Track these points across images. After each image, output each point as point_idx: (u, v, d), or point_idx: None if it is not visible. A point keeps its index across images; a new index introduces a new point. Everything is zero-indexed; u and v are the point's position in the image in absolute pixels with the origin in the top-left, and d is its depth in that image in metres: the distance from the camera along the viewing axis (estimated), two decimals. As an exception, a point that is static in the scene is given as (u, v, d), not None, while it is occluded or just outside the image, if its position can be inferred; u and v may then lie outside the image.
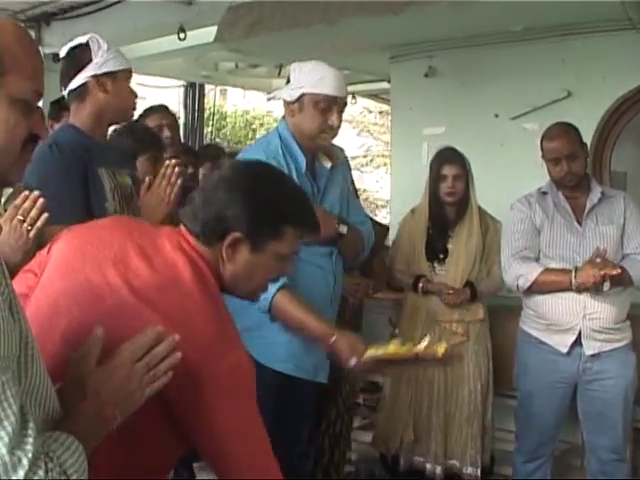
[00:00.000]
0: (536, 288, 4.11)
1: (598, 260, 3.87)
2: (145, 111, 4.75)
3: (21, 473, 1.30)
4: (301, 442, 3.83)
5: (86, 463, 1.46)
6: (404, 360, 3.05)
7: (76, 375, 1.63)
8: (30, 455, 1.32)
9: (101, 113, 3.17)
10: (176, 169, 3.25)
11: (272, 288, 3.23)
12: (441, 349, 2.96)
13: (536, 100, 6.03)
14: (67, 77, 3.19)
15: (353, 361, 3.05)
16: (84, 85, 3.14)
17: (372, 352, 3.03)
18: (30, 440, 1.33)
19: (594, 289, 3.95)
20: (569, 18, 5.61)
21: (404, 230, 4.92)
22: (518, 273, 4.14)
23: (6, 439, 1.30)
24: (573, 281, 3.95)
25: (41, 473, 1.34)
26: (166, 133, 4.54)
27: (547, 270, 4.08)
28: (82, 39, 3.22)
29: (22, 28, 1.55)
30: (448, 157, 4.72)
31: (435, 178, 4.70)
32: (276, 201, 2.05)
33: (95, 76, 3.14)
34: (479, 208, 4.74)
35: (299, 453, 3.81)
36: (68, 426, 1.51)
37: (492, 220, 4.78)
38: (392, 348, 3.00)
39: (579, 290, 3.97)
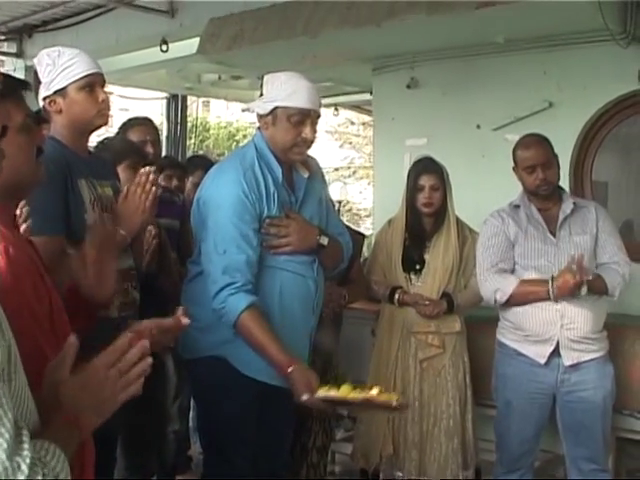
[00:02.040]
0: (514, 301, 4.10)
1: (574, 267, 3.88)
2: (128, 121, 4.71)
3: (22, 478, 1.33)
4: (284, 452, 3.83)
5: (68, 468, 1.48)
6: (355, 404, 3.08)
7: (52, 384, 1.64)
8: (28, 461, 1.34)
9: (70, 126, 3.15)
10: (151, 177, 3.22)
11: (239, 305, 3.25)
12: (394, 397, 3.00)
13: (518, 111, 6.06)
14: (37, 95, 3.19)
15: (305, 397, 3.10)
16: (43, 108, 3.15)
17: (324, 392, 3.07)
18: (26, 446, 1.36)
19: (572, 295, 3.95)
20: (550, 30, 5.65)
21: (380, 241, 4.87)
22: (495, 287, 4.13)
23: (5, 445, 1.32)
24: (550, 290, 3.95)
25: (39, 478, 1.36)
26: (149, 149, 4.51)
27: (523, 281, 4.08)
28: (36, 59, 3.22)
29: None
30: (425, 167, 4.68)
31: (412, 188, 4.65)
32: None
33: (46, 98, 3.14)
34: (457, 219, 4.71)
35: (282, 463, 3.81)
36: (47, 435, 1.51)
37: (470, 232, 4.74)
38: (344, 391, 3.03)
39: (557, 299, 3.97)
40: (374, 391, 2.99)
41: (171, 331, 2.35)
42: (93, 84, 3.17)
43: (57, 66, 3.11)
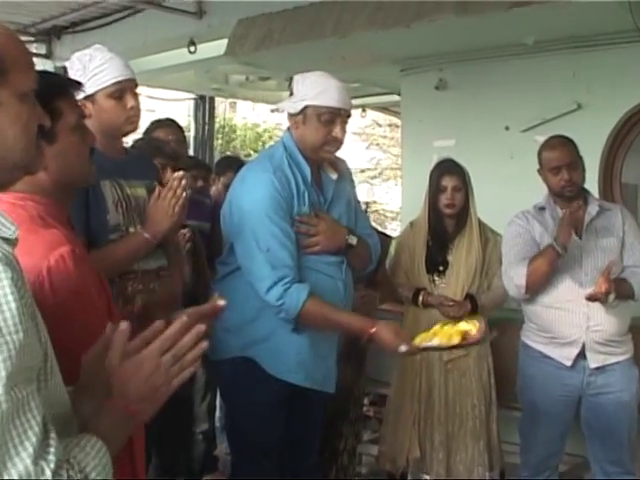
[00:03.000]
0: (532, 279, 4.04)
1: (612, 271, 3.86)
2: (152, 124, 4.73)
3: None
4: (313, 453, 3.83)
5: (110, 463, 1.47)
6: (458, 345, 3.19)
7: (95, 373, 1.63)
8: (52, 465, 1.33)
9: (99, 131, 3.04)
10: (183, 182, 3.23)
11: (300, 296, 3.27)
12: (480, 328, 3.12)
13: (546, 112, 6.03)
14: None
15: (403, 347, 3.13)
16: None
17: (424, 340, 3.12)
18: (52, 450, 1.34)
19: (600, 301, 3.93)
20: (580, 31, 5.62)
21: (403, 243, 4.87)
22: (511, 276, 4.12)
23: (30, 449, 1.32)
24: (555, 247, 3.91)
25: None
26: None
27: (532, 259, 4.07)
28: (68, 61, 3.21)
29: (4, 26, 1.57)
30: (448, 168, 4.67)
31: (434, 189, 4.64)
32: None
33: None
34: (479, 221, 4.71)
35: (311, 465, 3.81)
36: (95, 425, 1.51)
37: (492, 233, 4.74)
38: (443, 338, 3.10)
39: (564, 248, 3.92)
40: (467, 326, 3.10)
41: (210, 317, 2.34)
42: (122, 91, 3.16)
43: (87, 71, 3.11)
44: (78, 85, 2.19)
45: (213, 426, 5.70)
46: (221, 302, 2.32)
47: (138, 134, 4.04)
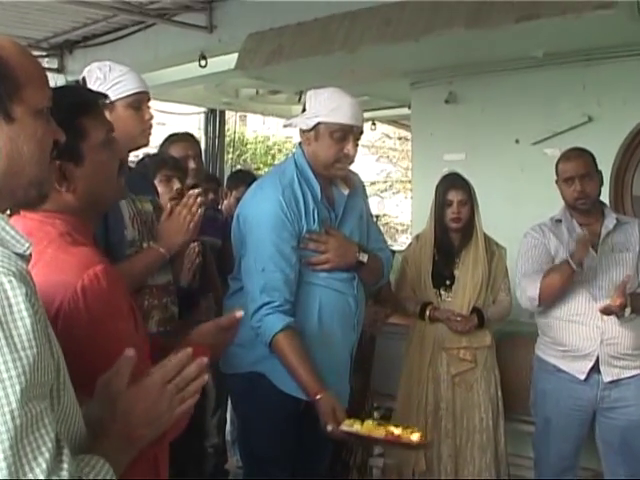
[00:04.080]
0: (546, 293, 4.05)
1: (628, 286, 3.85)
2: (170, 137, 4.72)
3: None
4: (323, 467, 3.83)
5: None
6: (377, 440, 3.11)
7: (105, 395, 1.64)
8: None
9: None
10: (198, 199, 3.24)
11: (274, 326, 3.27)
12: (416, 435, 3.00)
13: (557, 125, 6.03)
14: None
15: (329, 427, 3.13)
16: None
17: (348, 425, 3.09)
18: (65, 466, 1.35)
19: (615, 315, 3.92)
20: (590, 44, 5.62)
21: (409, 257, 4.86)
22: (524, 288, 4.12)
23: (44, 466, 1.31)
24: (570, 262, 3.91)
25: None
26: (191, 164, 4.51)
27: (546, 272, 4.07)
28: (85, 70, 3.22)
29: (19, 43, 1.58)
30: (453, 182, 4.68)
31: (440, 203, 4.65)
32: (53, 111, 1.70)
33: None
34: (484, 234, 4.72)
35: (322, 479, 3.81)
36: (98, 448, 1.52)
37: (497, 246, 4.75)
38: (367, 428, 3.04)
39: (580, 264, 3.92)
40: (397, 430, 3.00)
41: (229, 329, 2.35)
42: (141, 102, 3.19)
43: (108, 80, 3.12)
44: (104, 97, 2.18)
45: (224, 440, 5.70)
46: (239, 314, 2.33)
47: (152, 148, 4.04)
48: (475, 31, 5.05)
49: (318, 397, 3.20)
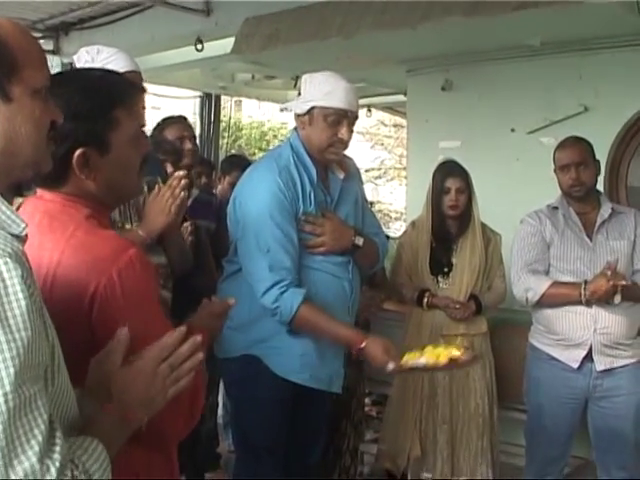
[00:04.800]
0: (545, 301, 4.10)
1: (609, 272, 3.86)
2: (164, 121, 4.72)
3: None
4: (317, 452, 3.83)
5: (110, 466, 1.48)
6: (443, 367, 3.15)
7: (99, 376, 1.65)
8: (57, 464, 1.34)
9: None
10: (183, 181, 3.22)
11: (294, 301, 3.26)
12: (469, 353, 3.14)
13: (553, 115, 6.03)
14: None
15: (390, 366, 3.12)
16: None
17: (411, 360, 3.10)
18: (57, 449, 1.35)
19: (605, 301, 3.94)
20: (587, 33, 5.62)
21: (405, 243, 4.86)
22: (527, 286, 4.13)
23: (36, 448, 1.32)
24: (583, 293, 3.93)
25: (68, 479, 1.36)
26: (187, 145, 4.51)
27: (556, 283, 4.08)
28: (75, 56, 3.20)
29: (18, 23, 1.58)
30: (451, 170, 4.69)
31: (438, 191, 4.65)
32: (91, 97, 1.88)
33: None
34: (480, 222, 4.73)
35: (315, 464, 3.82)
36: (93, 429, 1.52)
37: (492, 233, 4.77)
38: (430, 358, 3.07)
39: (589, 302, 3.95)
40: (456, 351, 3.08)
41: (221, 314, 2.36)
42: (132, 80, 3.18)
43: (96, 62, 3.12)
44: (143, 91, 2.15)
45: (215, 423, 5.71)
46: (231, 300, 2.34)
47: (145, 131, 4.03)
48: (472, 19, 5.04)
49: (364, 344, 3.20)
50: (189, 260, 3.84)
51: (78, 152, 1.82)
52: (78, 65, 3.15)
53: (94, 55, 3.15)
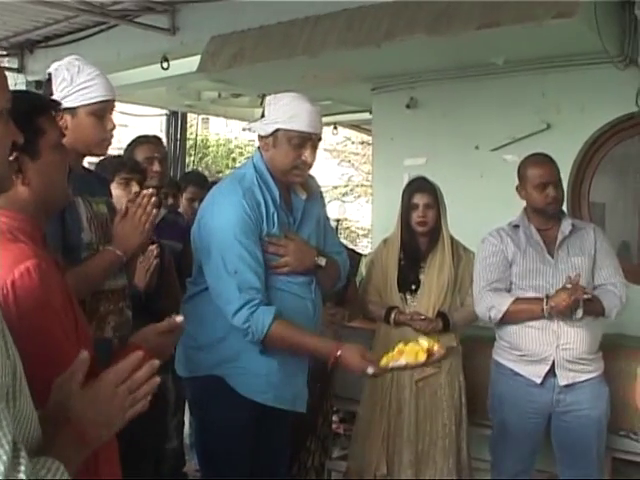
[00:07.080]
0: (508, 318, 4.12)
1: (569, 286, 3.89)
2: (137, 139, 4.69)
3: None
4: (281, 471, 3.82)
5: None
6: (423, 364, 3.21)
7: (60, 397, 1.65)
8: None
9: (70, 145, 2.82)
10: (153, 199, 3.21)
11: (266, 319, 3.26)
12: (440, 346, 3.19)
13: (516, 132, 6.08)
14: None
15: (370, 370, 3.13)
16: None
17: (391, 362, 3.13)
18: (22, 468, 1.35)
19: (567, 316, 3.97)
20: (549, 52, 5.68)
21: (376, 260, 4.87)
22: (490, 304, 4.15)
23: (1, 468, 1.32)
24: (545, 307, 3.96)
25: None
26: (155, 167, 4.49)
27: (518, 299, 4.11)
28: (53, 66, 3.15)
29: None
30: (419, 186, 4.70)
31: (406, 207, 4.66)
32: (17, 107, 1.84)
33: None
34: (452, 238, 4.72)
35: (278, 482, 3.81)
36: (52, 450, 1.52)
37: (465, 251, 4.76)
38: (410, 357, 3.13)
39: (551, 316, 3.98)
40: (436, 346, 3.15)
41: (169, 334, 2.35)
42: (105, 110, 3.11)
43: (74, 84, 3.04)
44: (57, 104, 2.22)
45: (182, 443, 5.69)
46: (178, 318, 2.34)
47: (113, 149, 4.02)
48: (436, 37, 5.08)
49: (340, 352, 3.19)
50: (152, 282, 3.83)
51: (11, 157, 1.82)
52: (55, 81, 3.09)
53: (74, 75, 3.04)
